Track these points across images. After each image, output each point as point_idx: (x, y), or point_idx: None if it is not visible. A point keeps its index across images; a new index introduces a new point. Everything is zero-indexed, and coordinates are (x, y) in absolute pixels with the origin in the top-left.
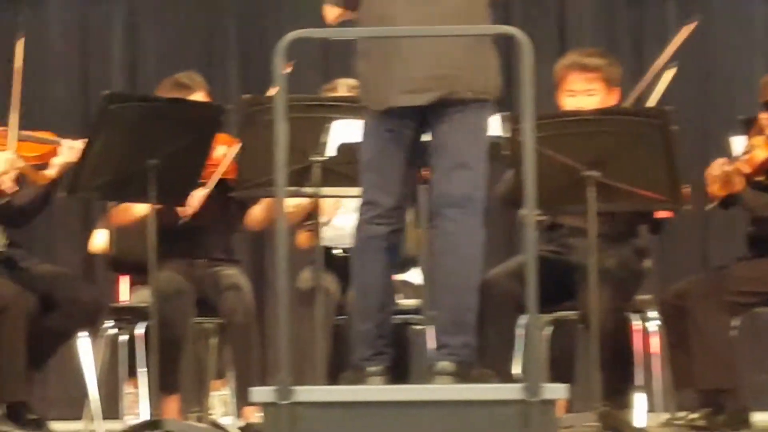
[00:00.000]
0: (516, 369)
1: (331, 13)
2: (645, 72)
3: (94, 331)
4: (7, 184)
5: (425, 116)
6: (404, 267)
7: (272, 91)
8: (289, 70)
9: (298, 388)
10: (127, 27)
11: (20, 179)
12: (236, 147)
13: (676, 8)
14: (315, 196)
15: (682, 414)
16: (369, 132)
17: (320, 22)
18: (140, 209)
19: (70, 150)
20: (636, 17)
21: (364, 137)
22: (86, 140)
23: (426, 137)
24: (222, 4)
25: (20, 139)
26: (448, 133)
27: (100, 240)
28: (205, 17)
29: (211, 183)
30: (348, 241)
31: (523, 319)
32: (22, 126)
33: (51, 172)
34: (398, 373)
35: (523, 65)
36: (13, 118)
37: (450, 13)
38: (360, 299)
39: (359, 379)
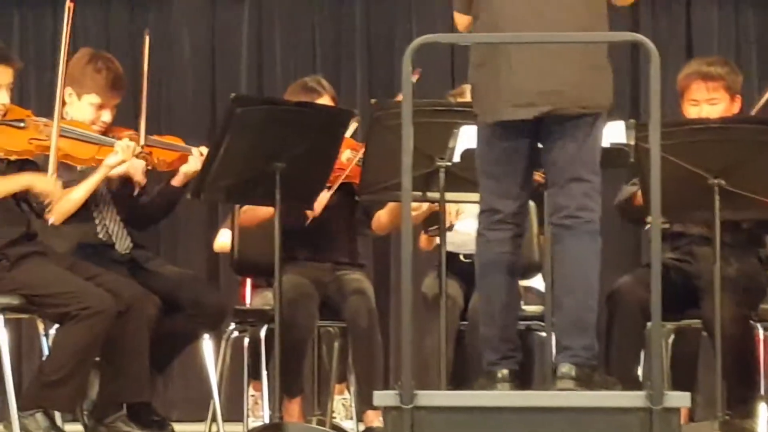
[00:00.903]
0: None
1: (462, 20)
2: None
3: (218, 334)
4: (138, 176)
5: (538, 129)
6: (528, 273)
7: (400, 96)
8: (416, 77)
9: (420, 392)
10: (255, 31)
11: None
12: (361, 151)
13: None
14: (440, 201)
15: None
16: (484, 141)
17: (448, 28)
18: (266, 211)
19: (199, 159)
20: (762, 25)
21: (479, 145)
22: (212, 143)
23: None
24: (350, 8)
25: (149, 144)
26: (560, 147)
27: (223, 239)
28: (333, 22)
29: (335, 185)
30: (471, 247)
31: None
32: (152, 128)
33: (177, 179)
34: (521, 379)
35: (650, 73)
36: (142, 121)
37: (568, 27)
38: (484, 304)
39: (488, 384)
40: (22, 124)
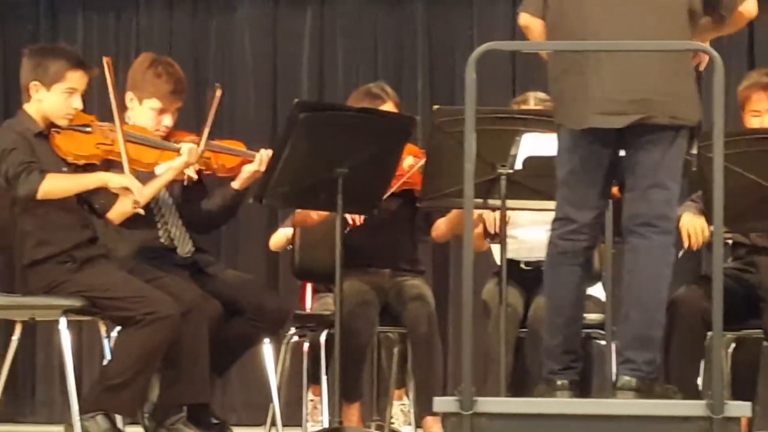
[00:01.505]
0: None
1: (532, 23)
2: None
3: (278, 338)
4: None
5: (622, 136)
6: (590, 281)
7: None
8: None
9: (480, 399)
10: (317, 38)
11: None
12: (423, 158)
13: None
14: (501, 208)
15: None
16: (565, 149)
17: (509, 35)
18: (318, 215)
19: (261, 163)
20: None
21: (559, 153)
22: (274, 148)
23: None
24: (411, 15)
25: (210, 149)
26: (644, 153)
27: (281, 235)
28: (394, 28)
29: (394, 188)
30: (532, 254)
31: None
32: (213, 134)
33: (238, 182)
34: (580, 387)
35: (714, 83)
36: (205, 131)
37: (653, 36)
38: (550, 314)
39: (548, 392)
40: (88, 129)
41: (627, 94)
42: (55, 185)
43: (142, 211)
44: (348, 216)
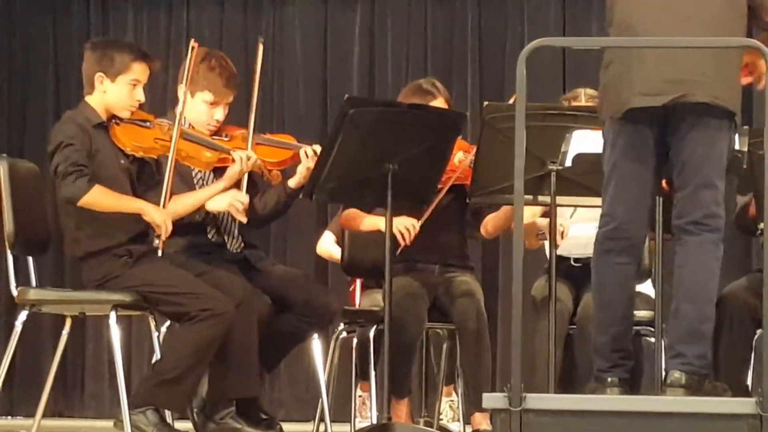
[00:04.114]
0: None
1: None
2: None
3: (327, 334)
4: (240, 216)
5: (665, 126)
6: (639, 278)
7: (513, 98)
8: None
9: (529, 395)
10: (367, 34)
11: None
12: (473, 153)
13: None
14: (551, 204)
15: None
16: (609, 143)
17: (560, 31)
18: (369, 223)
19: (310, 157)
20: None
21: (604, 150)
22: (324, 144)
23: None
24: (462, 11)
25: (259, 143)
26: (689, 148)
27: (326, 244)
28: (445, 25)
29: (446, 187)
30: (582, 251)
31: (759, 334)
32: (263, 129)
33: (294, 180)
34: (630, 384)
35: (766, 77)
36: (251, 120)
37: (700, 21)
38: (598, 312)
39: (598, 389)
40: (148, 124)
41: (667, 75)
42: (97, 199)
43: (160, 252)
44: (398, 234)
